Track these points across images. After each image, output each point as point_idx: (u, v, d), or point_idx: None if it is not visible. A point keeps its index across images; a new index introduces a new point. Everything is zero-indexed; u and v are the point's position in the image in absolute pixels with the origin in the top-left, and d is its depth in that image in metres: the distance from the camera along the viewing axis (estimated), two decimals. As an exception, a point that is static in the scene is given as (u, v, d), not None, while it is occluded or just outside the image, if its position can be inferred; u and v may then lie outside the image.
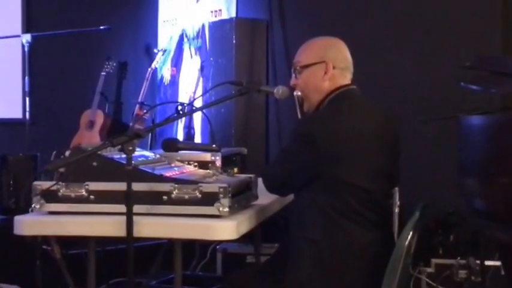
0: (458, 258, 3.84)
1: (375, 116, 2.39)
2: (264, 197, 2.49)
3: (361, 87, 2.47)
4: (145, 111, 4.63)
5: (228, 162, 2.91)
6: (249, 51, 4.47)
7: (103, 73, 4.78)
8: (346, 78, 2.42)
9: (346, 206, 2.24)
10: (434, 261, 3.93)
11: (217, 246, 4.05)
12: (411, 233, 2.22)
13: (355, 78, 2.48)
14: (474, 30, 3.96)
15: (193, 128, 4.80)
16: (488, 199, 2.34)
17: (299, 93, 2.44)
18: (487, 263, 3.59)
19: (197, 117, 4.74)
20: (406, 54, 4.07)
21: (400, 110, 3.86)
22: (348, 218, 2.24)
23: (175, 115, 2.31)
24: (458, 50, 3.85)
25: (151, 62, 4.90)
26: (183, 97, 4.86)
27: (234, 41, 4.41)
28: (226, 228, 2.10)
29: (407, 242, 2.20)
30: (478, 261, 3.68)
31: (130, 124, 4.65)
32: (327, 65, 2.37)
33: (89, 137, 4.62)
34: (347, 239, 2.24)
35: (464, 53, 3.72)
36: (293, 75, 2.46)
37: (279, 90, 2.41)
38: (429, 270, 3.93)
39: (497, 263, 3.64)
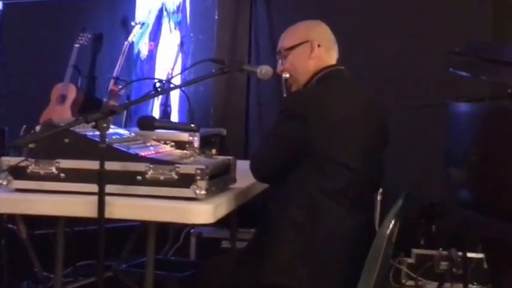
0: (440, 249, 3.88)
1: (365, 99, 2.42)
2: (243, 180, 2.49)
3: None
4: (120, 87, 4.59)
5: (206, 143, 2.91)
6: (231, 28, 4.45)
7: (76, 45, 4.71)
8: (332, 57, 2.46)
9: (334, 187, 2.26)
10: (415, 251, 3.97)
11: (192, 230, 4.06)
12: (393, 221, 2.23)
13: (340, 62, 2.49)
14: (464, 15, 3.97)
15: (170, 106, 4.78)
16: (474, 189, 2.36)
17: (287, 75, 2.46)
18: (470, 255, 3.64)
19: (174, 95, 4.71)
20: (393, 38, 4.07)
21: (387, 96, 3.87)
22: (333, 200, 2.26)
23: (153, 92, 2.29)
24: (448, 35, 3.86)
25: (128, 35, 4.85)
26: (161, 73, 4.82)
27: (216, 17, 4.39)
28: (202, 212, 2.09)
29: (388, 231, 2.22)
30: (460, 253, 3.72)
31: (104, 100, 4.61)
32: (312, 44, 2.42)
33: (60, 112, 4.57)
34: (331, 222, 2.26)
35: (454, 38, 3.74)
36: (279, 61, 2.49)
37: (262, 70, 2.41)
38: (409, 260, 3.97)
39: (480, 256, 3.69)
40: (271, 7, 4.47)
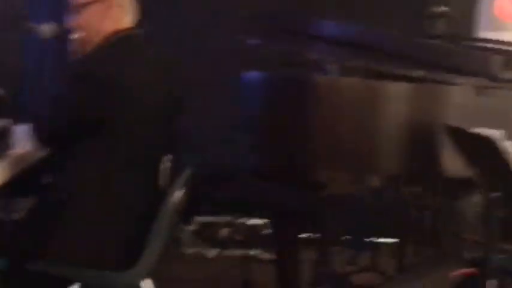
0: (223, 215, 4.03)
1: (161, 66, 2.41)
2: (21, 146, 2.38)
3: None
4: None
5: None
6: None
7: None
8: (129, 18, 2.41)
9: (125, 157, 2.24)
10: (198, 219, 4.07)
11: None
12: (181, 189, 2.27)
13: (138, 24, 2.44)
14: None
15: None
16: (262, 156, 2.47)
17: (76, 36, 2.36)
18: (251, 221, 3.82)
19: None
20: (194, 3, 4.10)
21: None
22: (124, 169, 2.24)
23: None
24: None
25: None
26: None
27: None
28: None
29: (176, 199, 2.25)
30: (242, 220, 3.89)
31: None
32: (109, 2, 2.35)
33: None
34: (121, 192, 2.24)
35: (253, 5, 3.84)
36: (70, 16, 2.38)
37: (46, 28, 2.30)
38: (192, 228, 4.07)
39: (261, 221, 3.89)
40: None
